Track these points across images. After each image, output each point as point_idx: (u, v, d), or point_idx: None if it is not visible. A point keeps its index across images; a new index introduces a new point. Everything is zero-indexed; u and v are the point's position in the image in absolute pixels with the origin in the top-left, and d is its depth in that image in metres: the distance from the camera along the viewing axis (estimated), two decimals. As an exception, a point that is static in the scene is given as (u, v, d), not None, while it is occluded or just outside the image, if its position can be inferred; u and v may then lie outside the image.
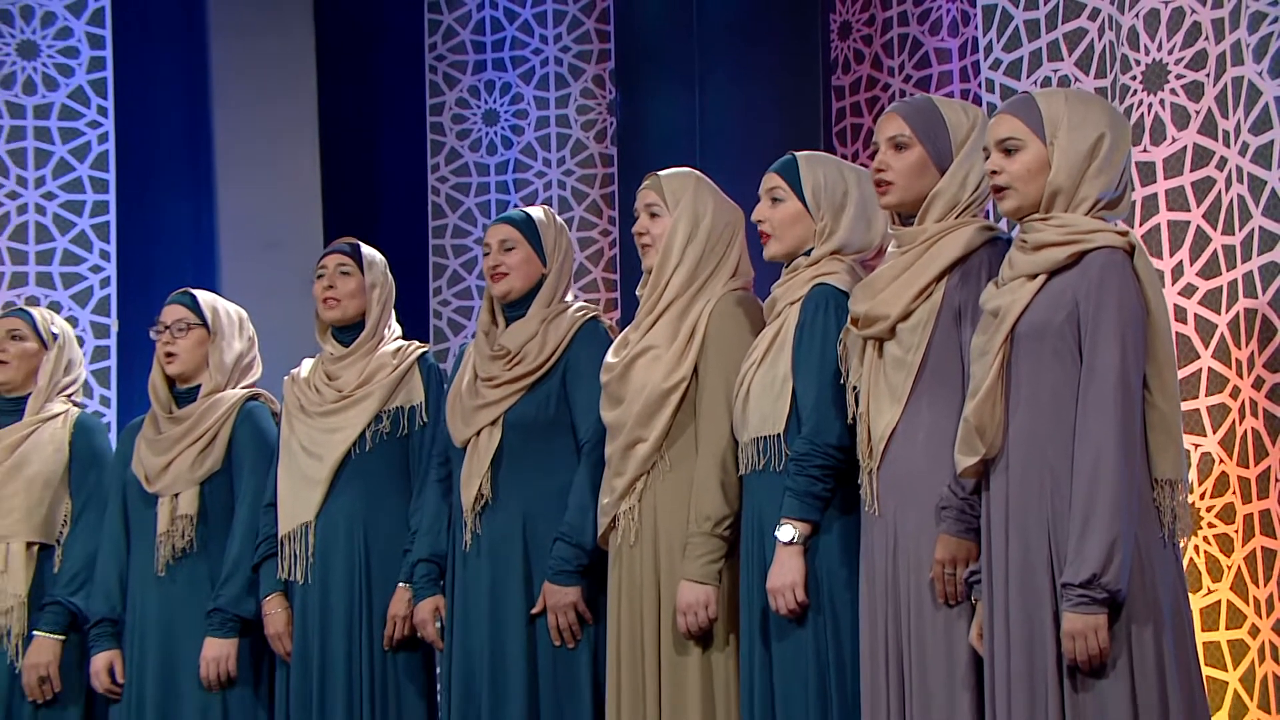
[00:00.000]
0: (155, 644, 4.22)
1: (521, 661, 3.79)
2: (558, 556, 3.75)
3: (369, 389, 4.14)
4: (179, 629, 4.21)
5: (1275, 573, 3.37)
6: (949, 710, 2.99)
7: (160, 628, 4.22)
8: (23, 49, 5.58)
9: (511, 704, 3.78)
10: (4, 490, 4.39)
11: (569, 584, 3.73)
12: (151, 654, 4.22)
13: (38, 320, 4.55)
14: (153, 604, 4.24)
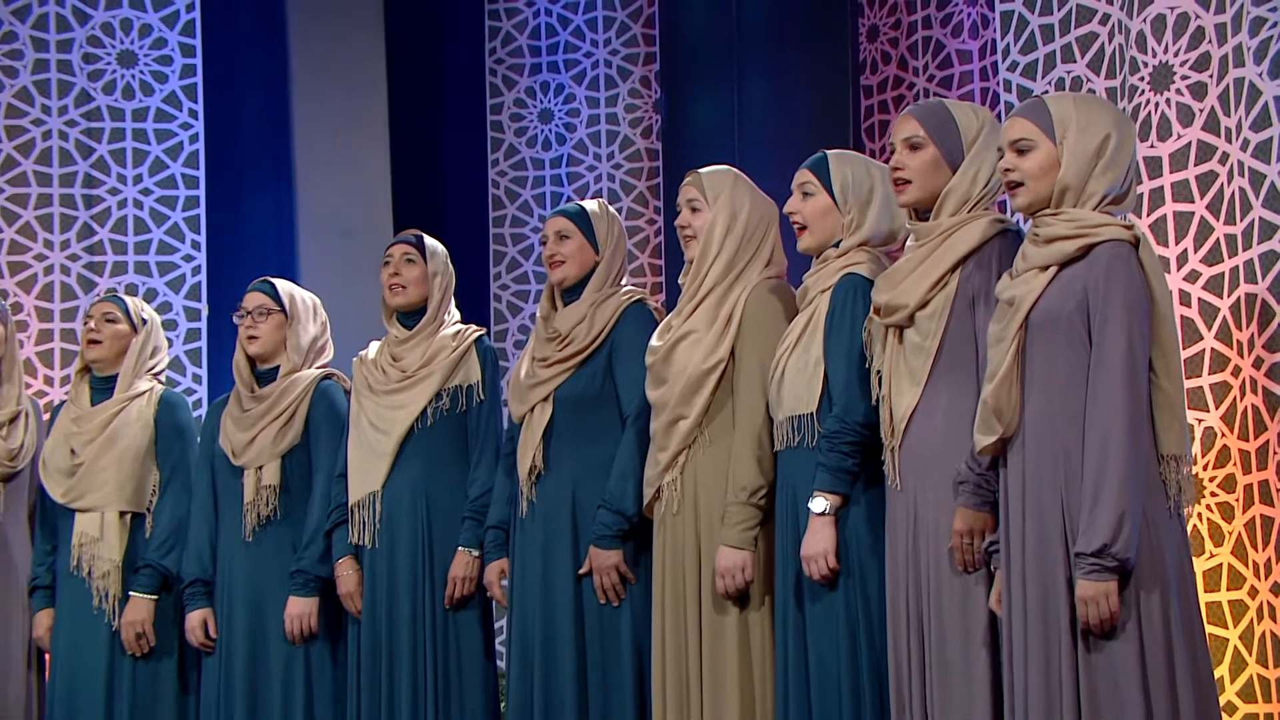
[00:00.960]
0: (244, 603, 4.24)
1: (570, 618, 3.79)
2: (601, 522, 3.74)
3: (430, 369, 4.14)
4: (265, 589, 4.23)
5: (1273, 538, 3.34)
6: (967, 669, 2.99)
7: (248, 588, 4.24)
8: (123, 58, 5.62)
9: (562, 657, 3.78)
10: (97, 464, 4.41)
11: (611, 547, 3.73)
12: (240, 611, 4.24)
13: (130, 306, 4.57)
14: (241, 567, 4.26)
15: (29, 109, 5.54)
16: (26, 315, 5.41)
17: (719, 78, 5.96)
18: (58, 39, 5.58)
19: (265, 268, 5.51)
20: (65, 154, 5.54)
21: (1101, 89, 3.89)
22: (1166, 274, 3.54)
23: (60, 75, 5.57)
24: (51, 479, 4.45)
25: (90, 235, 5.52)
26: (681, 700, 3.57)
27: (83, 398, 4.52)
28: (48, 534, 4.49)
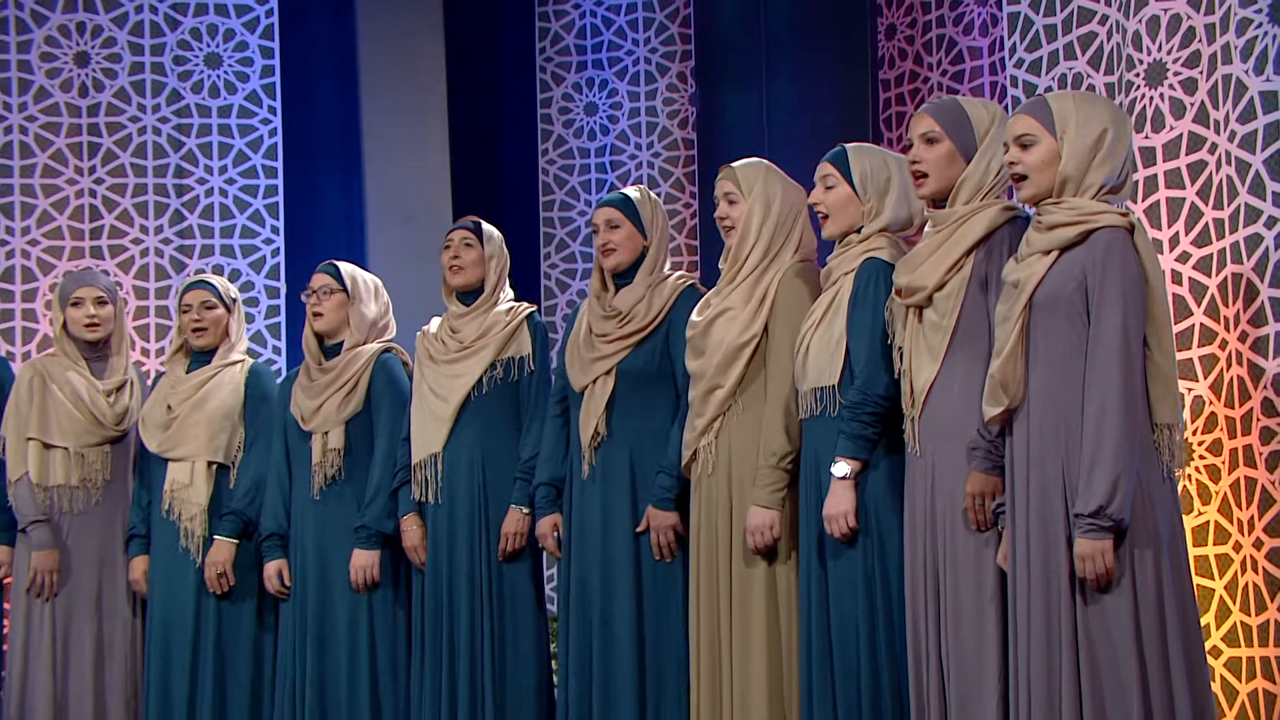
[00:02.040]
0: (313, 554, 4.27)
1: (629, 571, 3.79)
2: (660, 486, 3.75)
3: (485, 341, 4.15)
4: (332, 542, 4.26)
5: (1256, 497, 3.32)
6: (978, 619, 2.98)
7: (317, 541, 4.28)
8: (209, 60, 5.64)
9: (621, 607, 3.79)
10: (189, 419, 4.45)
11: (669, 509, 3.74)
12: (310, 562, 4.27)
13: (220, 290, 4.59)
14: (310, 522, 4.29)
15: (126, 107, 5.57)
16: (125, 293, 5.45)
17: (749, 72, 5.94)
18: (152, 43, 5.60)
19: (337, 250, 5.54)
20: (159, 148, 5.57)
21: (1100, 84, 3.86)
22: (1159, 255, 3.52)
23: (154, 76, 5.59)
24: (149, 432, 4.50)
25: (181, 221, 5.55)
26: (714, 645, 3.58)
27: (178, 368, 4.57)
28: (145, 487, 4.54)
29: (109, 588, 4.53)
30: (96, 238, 5.52)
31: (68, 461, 4.51)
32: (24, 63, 5.53)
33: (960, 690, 2.98)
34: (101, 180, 5.53)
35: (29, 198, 5.49)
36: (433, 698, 4.05)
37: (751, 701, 3.50)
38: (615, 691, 3.76)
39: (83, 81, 5.56)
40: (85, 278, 4.70)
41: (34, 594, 4.46)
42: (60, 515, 4.50)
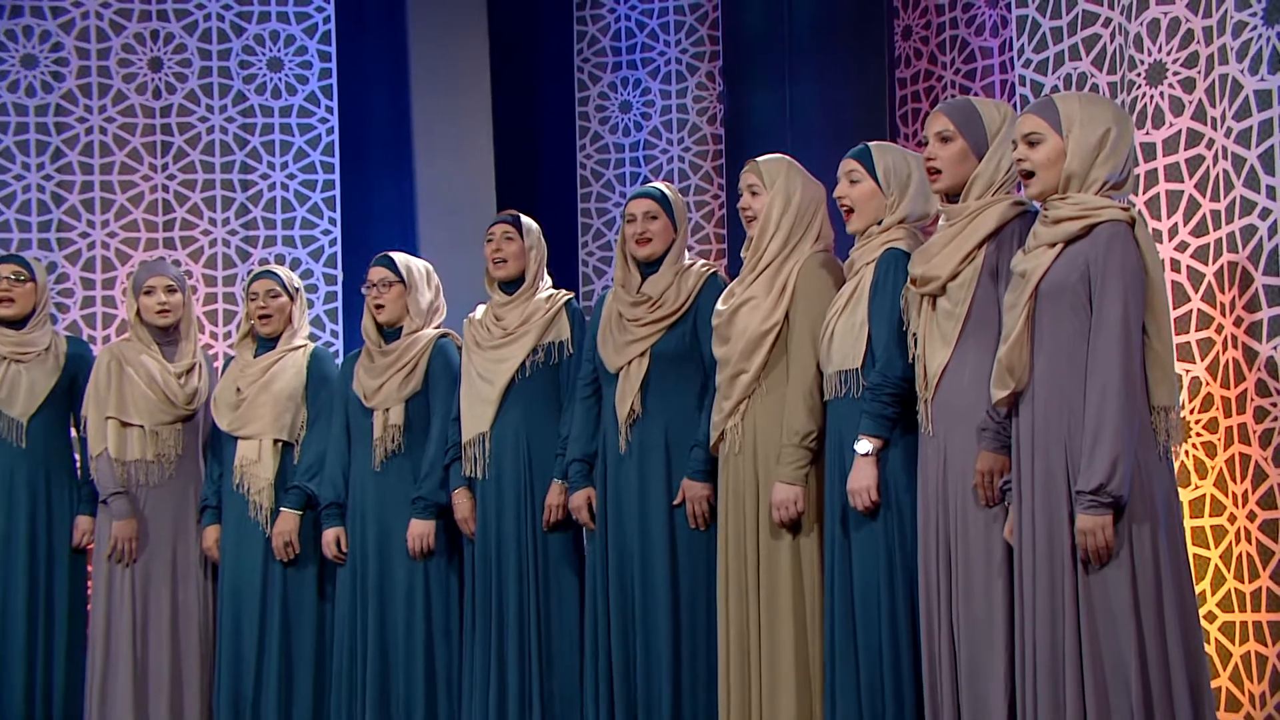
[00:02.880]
0: (373, 523, 4.29)
1: (665, 540, 3.80)
2: (694, 459, 3.75)
3: (527, 328, 4.15)
4: (391, 512, 4.27)
5: (1249, 472, 3.30)
6: (987, 590, 2.98)
7: (377, 511, 4.29)
8: (271, 64, 5.66)
9: (658, 574, 3.79)
10: (257, 400, 4.48)
11: (702, 481, 3.74)
12: (370, 530, 4.29)
13: (284, 278, 4.62)
14: (371, 492, 4.31)
15: (196, 108, 5.59)
16: (194, 282, 5.48)
17: (773, 72, 5.91)
18: (219, 49, 5.62)
19: (389, 240, 5.56)
20: (225, 145, 5.59)
21: (1104, 84, 3.82)
22: (1159, 244, 3.50)
23: (221, 80, 5.61)
24: (220, 412, 4.53)
25: (246, 214, 5.58)
26: (742, 612, 3.58)
27: (246, 353, 4.59)
28: (216, 461, 4.57)
29: (183, 555, 4.57)
30: (169, 230, 5.55)
31: (143, 438, 4.55)
32: (103, 68, 5.56)
33: (970, 654, 2.98)
34: (173, 176, 5.56)
35: (108, 193, 5.53)
36: (483, 658, 4.06)
37: (779, 664, 3.50)
38: (655, 650, 3.77)
39: (156, 85, 5.58)
40: (157, 268, 4.73)
41: (114, 560, 4.50)
42: (137, 488, 4.53)
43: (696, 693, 3.75)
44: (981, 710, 2.96)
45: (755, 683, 3.54)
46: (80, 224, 5.50)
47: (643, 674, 3.78)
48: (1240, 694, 3.32)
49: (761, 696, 3.53)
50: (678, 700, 3.75)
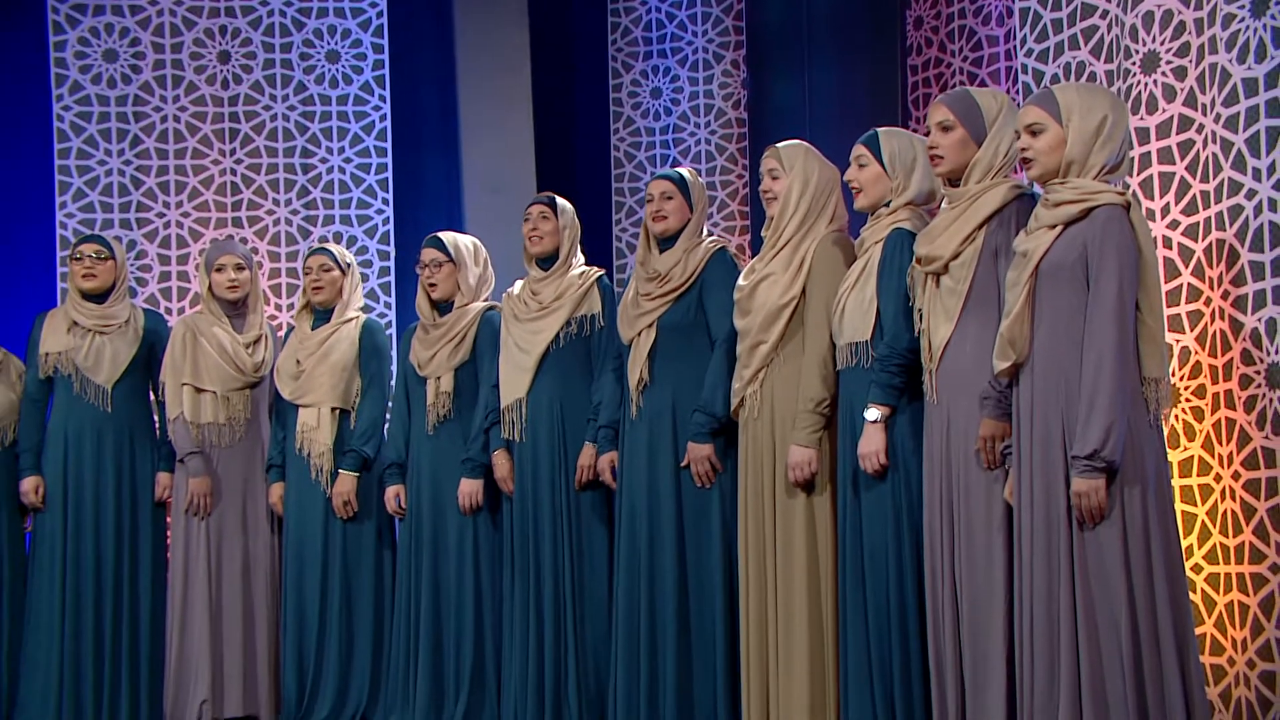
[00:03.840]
0: (428, 482, 4.31)
1: (672, 499, 3.79)
2: (695, 423, 3.73)
3: (561, 302, 4.14)
4: (443, 471, 4.29)
5: (1234, 435, 3.27)
6: (987, 547, 2.97)
7: (431, 470, 4.31)
8: (329, 56, 5.62)
9: (664, 529, 3.79)
10: (315, 371, 4.50)
11: (704, 442, 3.73)
12: (425, 488, 4.31)
13: (337, 255, 4.63)
14: (426, 453, 4.33)
15: (260, 97, 5.58)
16: (260, 258, 5.49)
17: (793, 60, 5.86)
18: (281, 42, 5.60)
19: (437, 219, 5.56)
20: (288, 131, 5.58)
21: (1101, 72, 3.77)
22: (1152, 223, 3.46)
23: (283, 71, 5.59)
24: (282, 381, 4.55)
25: (307, 195, 5.57)
26: (761, 567, 3.58)
27: (305, 324, 4.61)
28: (280, 425, 4.60)
29: (252, 510, 4.61)
30: (236, 210, 5.55)
31: (215, 403, 4.58)
32: (177, 61, 5.56)
33: (971, 606, 2.97)
34: (240, 160, 5.56)
35: (181, 176, 5.54)
36: (522, 605, 4.09)
37: (794, 613, 3.50)
38: (661, 601, 3.77)
39: (224, 76, 5.58)
40: (226, 247, 4.74)
41: (191, 513, 4.55)
42: (210, 448, 4.57)
43: (703, 642, 3.75)
44: (982, 659, 2.95)
45: (772, 630, 3.54)
46: (157, 205, 5.51)
47: (647, 625, 3.78)
48: (1224, 639, 3.30)
49: (778, 643, 3.53)
50: (684, 648, 3.76)
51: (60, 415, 4.57)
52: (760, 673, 3.57)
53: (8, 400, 4.60)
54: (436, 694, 4.23)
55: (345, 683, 4.44)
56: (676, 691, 3.74)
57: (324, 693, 4.42)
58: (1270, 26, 3.16)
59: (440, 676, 4.24)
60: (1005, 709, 2.91)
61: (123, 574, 4.54)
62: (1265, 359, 3.15)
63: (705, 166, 6.20)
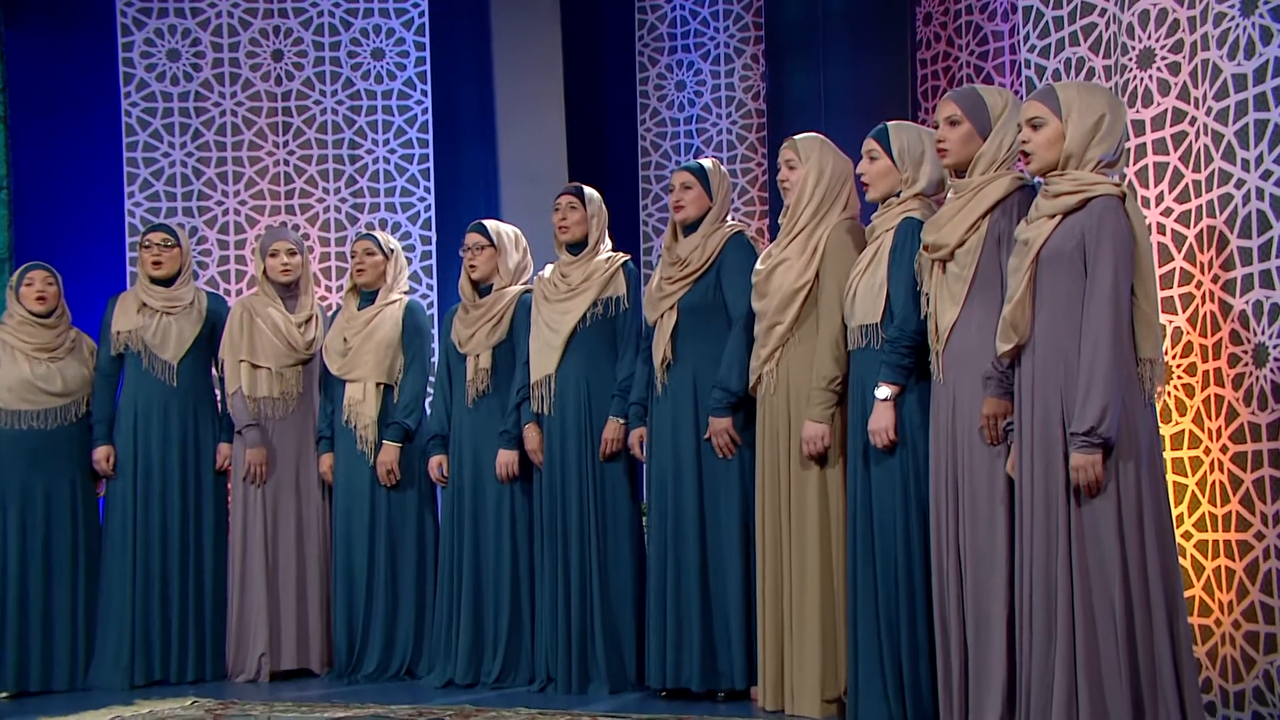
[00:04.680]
0: (469, 452, 4.32)
1: (694, 469, 3.80)
2: (714, 398, 3.73)
3: (588, 285, 4.13)
4: (481, 442, 4.30)
5: (1223, 411, 3.24)
6: (990, 517, 2.96)
7: (471, 441, 4.32)
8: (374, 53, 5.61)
9: (687, 496, 3.80)
10: (361, 349, 4.51)
11: (723, 416, 3.72)
12: (466, 458, 4.32)
13: (381, 241, 4.63)
14: (466, 426, 4.34)
15: (311, 93, 5.58)
16: (310, 243, 5.50)
17: (810, 55, 5.81)
18: (330, 41, 5.59)
19: (476, 206, 5.56)
20: (336, 124, 5.58)
21: (1099, 67, 3.72)
22: (1147, 210, 3.42)
23: (332, 68, 5.59)
24: (330, 358, 4.57)
25: (354, 184, 5.57)
26: (777, 534, 3.58)
27: (351, 305, 4.62)
28: (328, 399, 4.61)
29: (305, 477, 4.63)
30: (289, 198, 5.56)
31: (270, 378, 4.60)
32: (234, 59, 5.56)
33: (974, 572, 2.96)
34: (293, 152, 5.57)
35: (238, 167, 5.55)
36: (551, 566, 4.10)
37: (807, 577, 3.50)
38: (685, 561, 3.78)
39: (278, 73, 5.58)
40: (280, 233, 4.75)
41: (249, 481, 4.58)
42: (266, 420, 4.59)
43: (725, 592, 3.75)
44: (984, 620, 2.94)
45: (786, 592, 3.55)
46: (216, 194, 5.53)
47: (674, 579, 3.79)
48: (1211, 602, 3.28)
49: (791, 604, 3.54)
50: (706, 596, 3.76)
51: (130, 389, 4.60)
52: (775, 631, 3.58)
53: (81, 376, 4.63)
54: (476, 648, 4.26)
55: (391, 638, 4.47)
56: (701, 645, 3.74)
57: (372, 647, 4.45)
58: (1259, 25, 3.11)
59: (480, 632, 4.26)
60: (1005, 666, 2.90)
61: (188, 537, 4.58)
62: (1252, 339, 3.12)
63: (726, 155, 6.17)
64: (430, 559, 4.49)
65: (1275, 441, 3.01)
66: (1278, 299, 3.02)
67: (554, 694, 4.01)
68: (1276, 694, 2.94)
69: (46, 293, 4.56)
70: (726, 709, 3.67)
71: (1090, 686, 2.69)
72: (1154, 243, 3.37)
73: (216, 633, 4.59)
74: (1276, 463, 3.01)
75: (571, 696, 3.96)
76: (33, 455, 4.49)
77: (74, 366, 4.59)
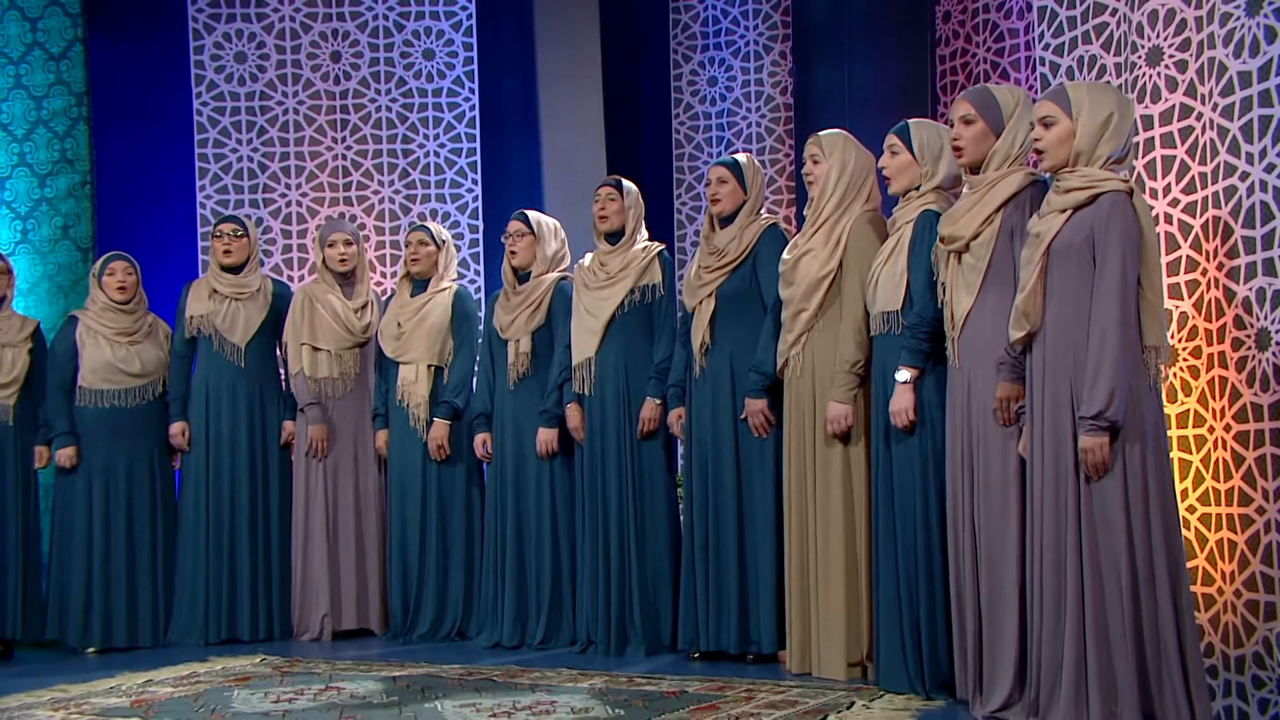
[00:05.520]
0: (511, 431, 4.34)
1: (731, 447, 3.79)
2: (751, 381, 3.72)
3: (626, 273, 4.13)
4: (524, 421, 4.31)
5: (1226, 392, 3.20)
6: (1003, 494, 2.94)
7: (513, 420, 4.33)
8: (425, 54, 5.63)
9: (725, 473, 3.80)
10: (414, 333, 4.54)
11: (759, 398, 3.71)
12: (509, 436, 4.34)
13: (433, 232, 4.64)
14: (509, 406, 4.35)
15: (367, 91, 5.59)
16: (366, 232, 5.53)
17: (835, 51, 5.76)
18: (384, 43, 5.61)
19: (520, 197, 5.56)
20: (390, 121, 5.59)
21: (1110, 64, 3.66)
22: (1155, 201, 3.37)
23: (386, 68, 5.60)
24: (385, 341, 4.60)
25: (407, 176, 5.59)
26: (803, 508, 3.58)
27: (405, 292, 4.64)
28: (383, 379, 4.64)
29: (362, 452, 4.67)
30: (347, 190, 5.59)
31: (330, 360, 4.64)
32: (296, 61, 5.59)
33: (988, 546, 2.95)
34: (350, 147, 5.59)
35: (300, 161, 5.58)
36: (591, 535, 4.12)
37: (831, 548, 3.50)
38: (723, 533, 3.79)
39: (336, 73, 5.60)
40: (337, 225, 4.78)
41: (311, 456, 4.62)
42: (326, 399, 4.63)
43: (758, 562, 3.76)
44: (997, 590, 2.93)
45: (813, 562, 3.55)
46: (280, 186, 5.56)
47: (714, 546, 3.81)
48: (1214, 571, 3.25)
49: (817, 573, 3.54)
50: (742, 566, 3.77)
51: (202, 370, 4.66)
52: (801, 598, 3.58)
53: (157, 357, 4.69)
54: (521, 612, 4.29)
55: (443, 602, 4.51)
56: (738, 610, 3.75)
57: (425, 610, 4.50)
58: (1263, 25, 3.05)
59: (524, 597, 4.29)
60: (1018, 634, 2.89)
61: (255, 506, 4.63)
62: (1255, 324, 3.08)
63: (755, 148, 6.14)
64: (478, 528, 4.52)
65: (1276, 421, 2.98)
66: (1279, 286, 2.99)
67: (594, 655, 4.04)
68: (1275, 659, 2.92)
69: (126, 282, 4.62)
70: (755, 670, 3.67)
71: (1098, 653, 2.68)
72: (1161, 232, 3.33)
73: (283, 594, 4.65)
74: (1277, 441, 2.98)
75: (610, 658, 3.98)
76: (115, 431, 4.56)
77: (151, 349, 4.65)
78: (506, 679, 3.58)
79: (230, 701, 3.32)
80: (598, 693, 3.31)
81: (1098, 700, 2.66)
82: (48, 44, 5.75)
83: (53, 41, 5.77)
